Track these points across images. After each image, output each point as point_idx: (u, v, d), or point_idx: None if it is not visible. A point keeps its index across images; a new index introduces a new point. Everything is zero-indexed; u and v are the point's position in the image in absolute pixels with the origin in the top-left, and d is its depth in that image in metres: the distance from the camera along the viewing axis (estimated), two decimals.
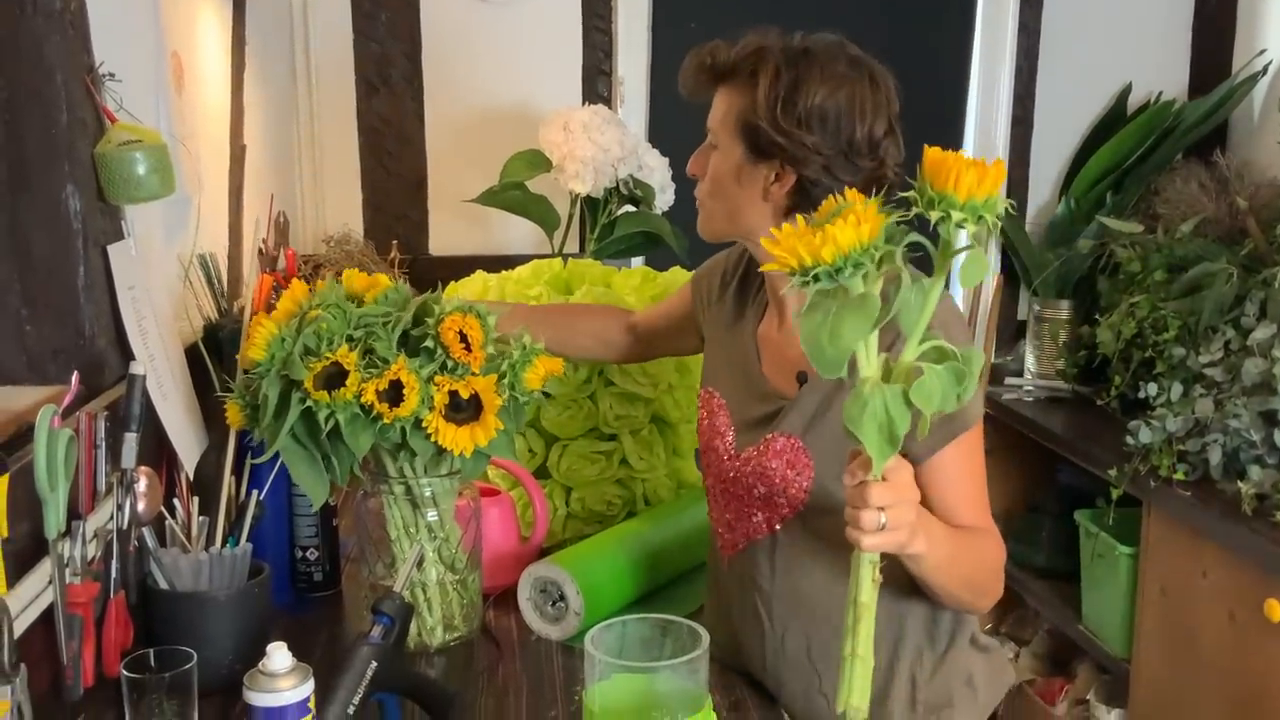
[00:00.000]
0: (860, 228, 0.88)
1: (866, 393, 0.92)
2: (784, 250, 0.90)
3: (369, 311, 1.34)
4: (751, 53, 1.30)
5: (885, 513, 1.02)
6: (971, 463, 1.30)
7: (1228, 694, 2.05)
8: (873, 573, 0.99)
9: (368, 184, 2.68)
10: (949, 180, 0.89)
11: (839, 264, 0.88)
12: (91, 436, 1.22)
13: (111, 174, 1.34)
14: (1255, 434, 2.05)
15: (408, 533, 1.39)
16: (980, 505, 1.31)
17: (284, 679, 1.00)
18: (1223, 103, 2.68)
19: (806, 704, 1.37)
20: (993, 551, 1.30)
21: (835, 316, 0.89)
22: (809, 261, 0.89)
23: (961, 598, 1.29)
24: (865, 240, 0.89)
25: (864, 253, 0.89)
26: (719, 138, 1.36)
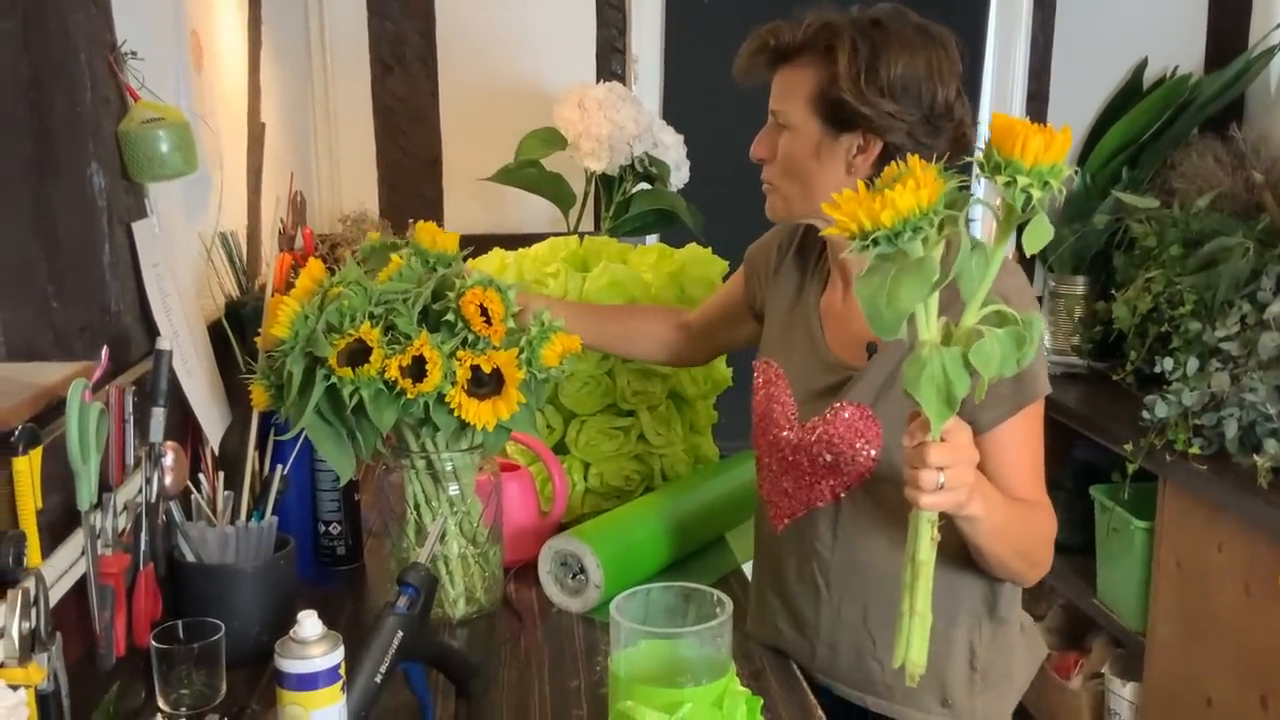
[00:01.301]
0: (920, 192, 0.89)
1: (925, 355, 0.93)
2: (844, 214, 0.91)
3: (389, 288, 1.35)
4: (821, 28, 1.30)
5: (944, 473, 1.04)
6: (1032, 435, 1.31)
7: (1243, 667, 2.06)
8: (931, 531, 1.02)
9: (383, 163, 2.68)
10: (1016, 146, 0.89)
11: (898, 228, 0.89)
12: (121, 411, 1.23)
13: (135, 152, 1.35)
14: (1271, 408, 2.05)
15: (429, 507, 1.41)
16: (1036, 478, 1.31)
17: (315, 645, 1.01)
18: (1239, 77, 2.66)
19: (859, 670, 1.38)
20: (1045, 524, 1.31)
21: (893, 280, 0.90)
22: (868, 225, 0.89)
23: (1013, 566, 1.30)
24: (925, 205, 0.89)
25: (923, 217, 0.89)
26: (790, 117, 1.34)
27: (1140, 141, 2.68)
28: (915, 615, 1.00)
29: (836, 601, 1.39)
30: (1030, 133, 0.89)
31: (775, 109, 1.37)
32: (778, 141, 1.37)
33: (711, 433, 1.92)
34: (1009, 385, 1.27)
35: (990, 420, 1.27)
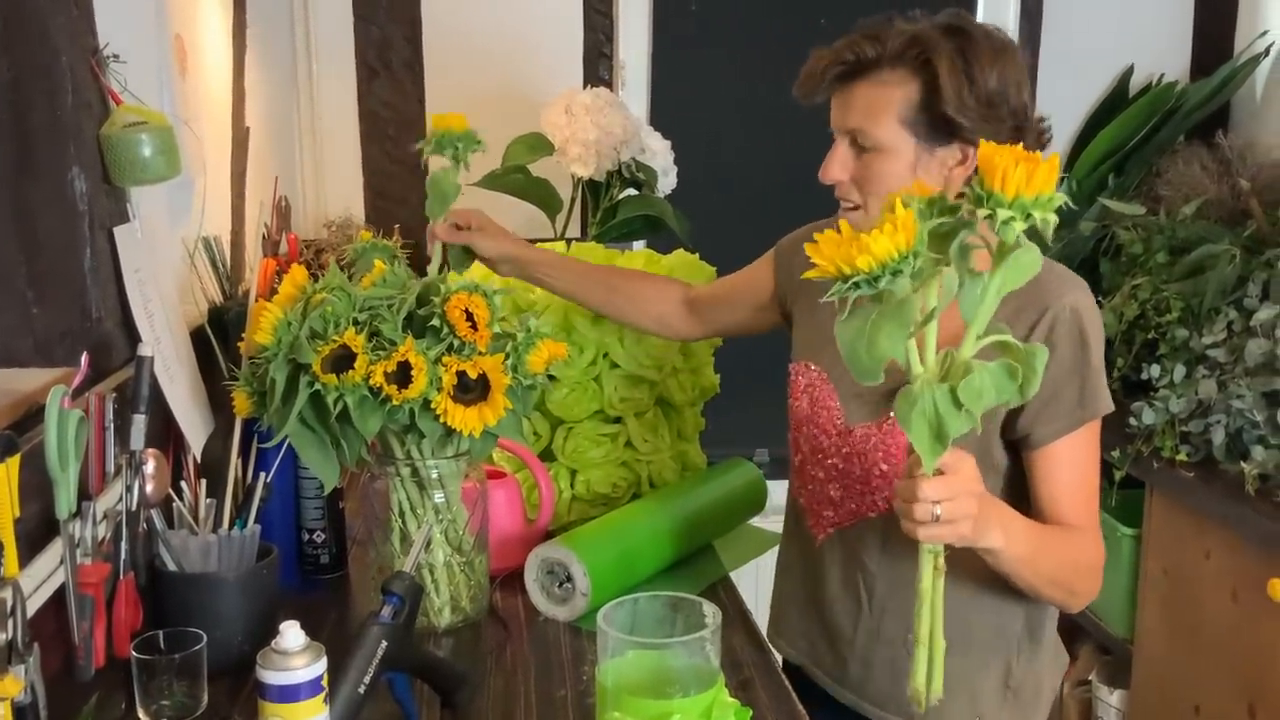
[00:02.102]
0: (896, 236, 0.88)
1: (917, 390, 0.93)
2: (822, 259, 0.90)
3: (374, 294, 1.34)
4: (912, 40, 1.25)
5: (940, 506, 1.02)
6: (1088, 455, 1.29)
7: (1231, 674, 2.06)
8: (934, 562, 1.01)
9: (369, 168, 2.67)
10: (997, 178, 0.88)
11: (876, 272, 0.88)
12: (101, 418, 1.22)
13: (117, 156, 1.33)
14: (1258, 414, 2.05)
15: (414, 514, 1.40)
16: (1087, 501, 1.29)
17: (297, 657, 1.00)
18: (1225, 84, 2.68)
19: (893, 687, 1.36)
20: (1089, 551, 1.28)
21: (873, 324, 0.90)
22: (846, 270, 0.89)
23: (1047, 594, 1.28)
24: (902, 248, 0.88)
25: (901, 260, 0.88)
26: (879, 137, 1.28)
27: (1126, 149, 2.68)
28: (920, 645, 1.00)
29: (877, 617, 1.37)
30: (1010, 164, 0.88)
31: (857, 128, 1.29)
32: (855, 162, 1.30)
33: (699, 440, 1.91)
34: (1070, 399, 1.26)
35: (1045, 435, 1.26)
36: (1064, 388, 1.26)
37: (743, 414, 2.48)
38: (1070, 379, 1.26)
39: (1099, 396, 1.27)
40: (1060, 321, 1.25)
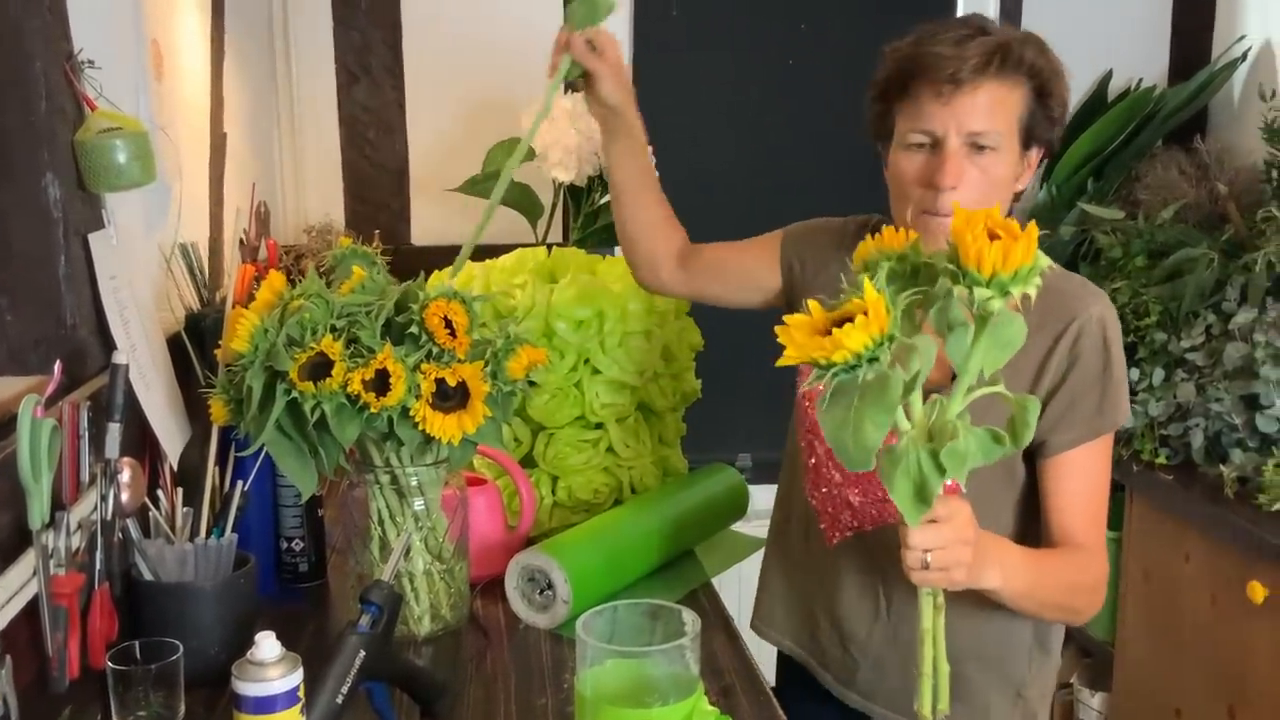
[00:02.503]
0: (870, 326, 0.87)
1: (901, 449, 0.92)
2: (798, 351, 0.89)
3: (352, 301, 1.33)
4: (1024, 45, 1.25)
5: (930, 555, 1.03)
6: (1099, 466, 1.29)
7: (1211, 676, 2.07)
8: (933, 601, 1.03)
9: (349, 173, 2.66)
10: (971, 259, 0.87)
11: (852, 362, 0.88)
12: (75, 426, 1.21)
13: (92, 162, 1.32)
14: (1236, 418, 2.07)
15: (394, 522, 1.39)
16: (1094, 515, 1.29)
17: (273, 668, 0.99)
18: (1203, 89, 2.69)
19: (905, 693, 1.35)
20: (1090, 570, 1.29)
21: (856, 411, 0.88)
22: (823, 363, 0.88)
23: (1051, 617, 1.30)
24: (876, 336, 0.87)
25: (878, 347, 0.88)
26: (1000, 139, 1.25)
27: (1105, 153, 2.70)
28: (924, 677, 1.02)
29: (894, 623, 1.37)
30: (984, 245, 0.86)
31: (984, 129, 1.24)
32: (977, 165, 1.26)
33: (681, 445, 1.91)
34: (1089, 409, 1.27)
35: (1060, 444, 1.27)
36: (1084, 397, 1.27)
37: (724, 419, 2.49)
38: (1091, 389, 1.27)
39: (1117, 408, 1.28)
40: (1086, 333, 1.27)
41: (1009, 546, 1.20)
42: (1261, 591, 1.91)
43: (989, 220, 0.87)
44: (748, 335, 2.75)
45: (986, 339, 0.90)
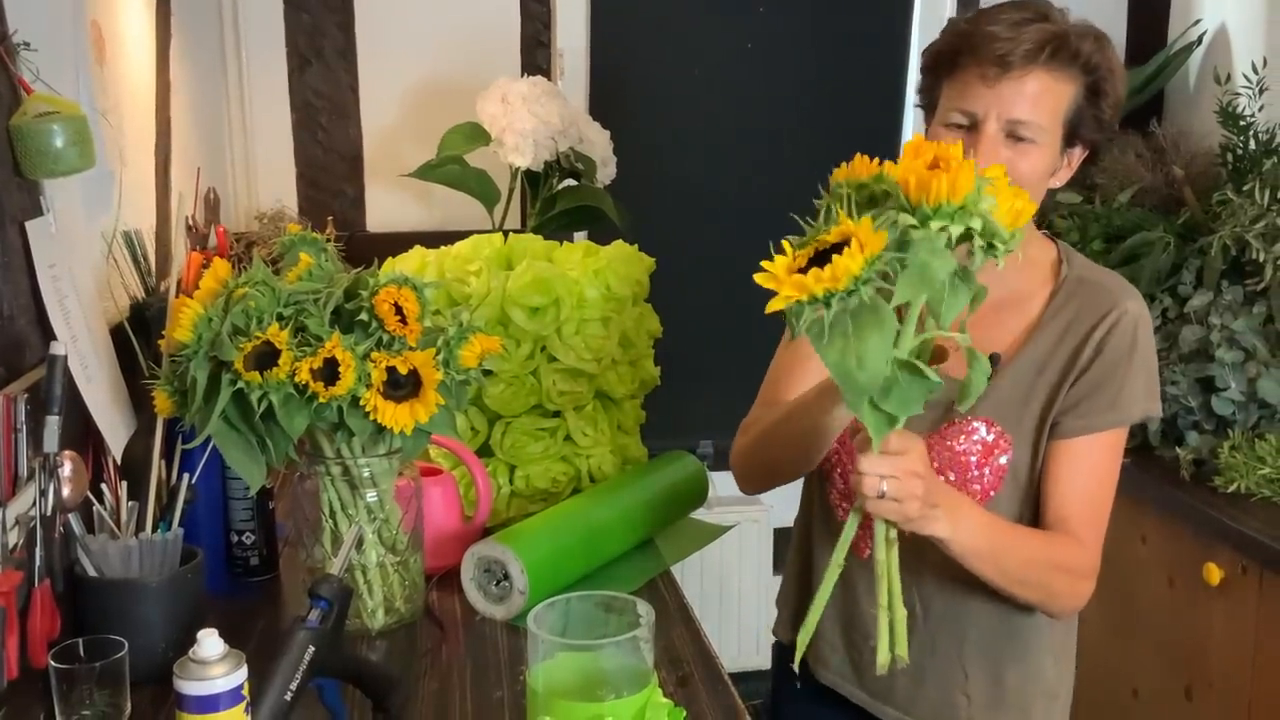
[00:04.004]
0: (866, 250, 0.87)
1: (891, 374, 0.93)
2: (793, 288, 0.89)
3: (299, 288, 1.30)
4: (1082, 38, 1.23)
5: (886, 483, 1.04)
6: (1107, 463, 1.28)
7: (1168, 657, 2.09)
8: (885, 534, 1.06)
9: (301, 159, 2.61)
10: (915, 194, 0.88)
11: (850, 286, 0.88)
12: (10, 420, 1.17)
13: (28, 147, 1.28)
14: (1192, 400, 2.08)
15: (346, 514, 1.36)
16: (1093, 508, 1.28)
17: (215, 666, 0.97)
18: (1158, 73, 2.70)
19: (945, 705, 1.36)
20: (1076, 557, 1.26)
21: (856, 337, 0.88)
22: (818, 292, 0.88)
23: (1021, 595, 1.26)
24: (873, 258, 0.88)
25: (872, 266, 0.88)
26: (1042, 133, 1.22)
27: None
28: (882, 610, 1.04)
29: (933, 631, 1.35)
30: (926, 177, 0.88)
31: (1025, 119, 1.21)
32: (1002, 154, 1.22)
33: (640, 433, 1.89)
34: (1105, 400, 1.26)
35: (1072, 428, 1.26)
36: (1103, 387, 1.26)
37: (684, 407, 2.47)
38: (1111, 380, 1.26)
39: (1133, 402, 1.27)
40: (1119, 326, 1.27)
41: (966, 503, 1.19)
42: (1218, 573, 1.93)
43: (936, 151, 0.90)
44: (707, 322, 2.76)
45: (909, 267, 0.90)
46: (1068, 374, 1.27)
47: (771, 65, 2.76)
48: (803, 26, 2.75)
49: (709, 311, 2.77)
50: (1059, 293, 1.31)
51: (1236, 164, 2.37)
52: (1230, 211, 2.24)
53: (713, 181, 2.79)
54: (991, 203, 0.91)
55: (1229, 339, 2.08)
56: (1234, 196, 2.25)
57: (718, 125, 2.76)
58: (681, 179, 2.79)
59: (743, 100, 2.78)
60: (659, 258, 1.86)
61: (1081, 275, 1.32)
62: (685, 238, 2.75)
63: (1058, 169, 1.27)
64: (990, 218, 0.92)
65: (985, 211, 0.91)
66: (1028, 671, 1.37)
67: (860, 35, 2.78)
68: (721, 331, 2.78)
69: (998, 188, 0.93)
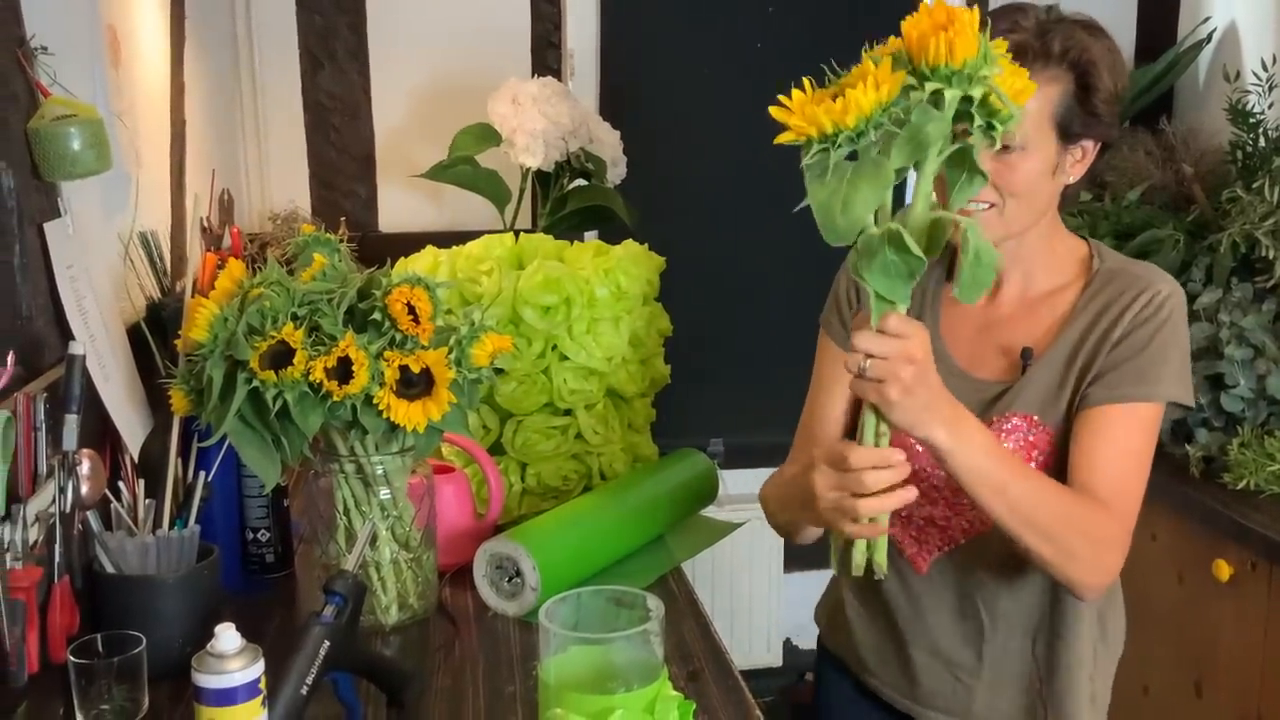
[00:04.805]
0: (880, 89, 0.86)
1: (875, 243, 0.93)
2: (802, 120, 0.88)
3: (313, 288, 1.32)
4: (1068, 36, 1.23)
5: (869, 361, 1.01)
6: (1136, 437, 1.25)
7: (1178, 654, 2.09)
8: (875, 425, 1.05)
9: (314, 160, 2.63)
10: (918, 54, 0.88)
11: (860, 128, 0.86)
12: (30, 418, 1.19)
13: (46, 150, 1.30)
14: (1202, 397, 2.08)
15: (360, 512, 1.38)
16: (1120, 478, 1.23)
17: (233, 660, 0.98)
18: (1168, 70, 2.70)
19: (1026, 706, 1.35)
20: (1099, 521, 1.21)
21: (849, 184, 0.88)
22: (830, 129, 0.87)
23: (1035, 548, 1.18)
24: (885, 100, 0.86)
25: (884, 113, 0.87)
26: (1029, 135, 1.22)
27: None
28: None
29: (1004, 635, 1.34)
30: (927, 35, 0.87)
31: None
32: (994, 159, 1.22)
33: (650, 431, 1.90)
34: (1132, 374, 1.24)
35: (1097, 396, 1.25)
36: (1130, 360, 1.25)
37: (694, 405, 2.48)
38: (1139, 354, 1.25)
39: (1161, 381, 1.24)
40: (1151, 304, 1.26)
41: (973, 420, 1.14)
42: (1227, 570, 1.93)
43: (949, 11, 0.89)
44: (717, 321, 2.77)
45: (904, 132, 0.90)
46: (1098, 353, 1.27)
47: (781, 65, 2.77)
48: (812, 26, 2.75)
49: (719, 310, 2.78)
50: (1091, 284, 1.31)
51: (1246, 161, 2.37)
52: (1240, 209, 2.24)
53: (722, 181, 2.80)
54: (996, 71, 0.89)
55: (1238, 336, 2.08)
56: (1243, 194, 2.25)
57: (727, 125, 2.76)
58: (691, 178, 2.80)
59: (752, 100, 2.78)
60: (669, 257, 1.88)
61: (1114, 267, 1.32)
62: (695, 237, 2.76)
63: (1062, 166, 1.27)
64: (994, 87, 0.90)
65: (987, 80, 0.89)
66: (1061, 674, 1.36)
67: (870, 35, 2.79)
68: (732, 330, 2.79)
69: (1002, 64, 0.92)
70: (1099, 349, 1.27)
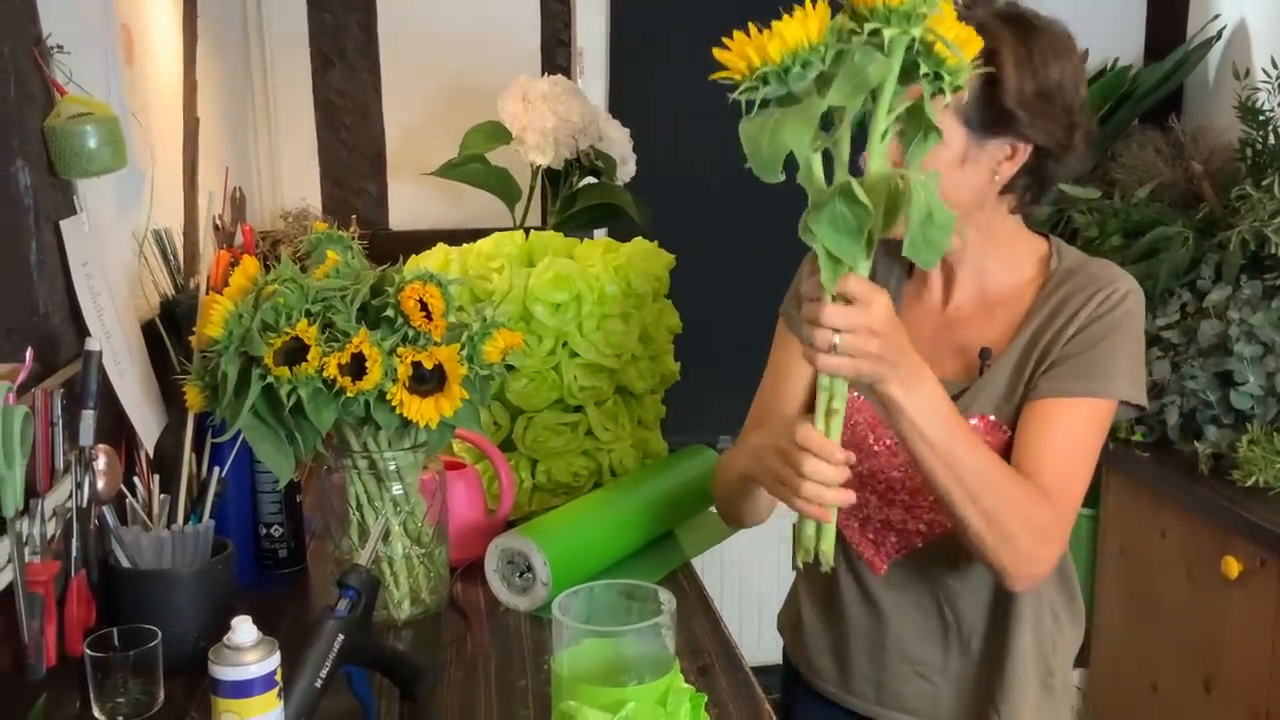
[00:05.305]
0: (807, 23, 0.86)
1: (826, 198, 0.91)
2: (733, 55, 0.88)
3: (327, 285, 1.33)
4: (980, 25, 1.16)
5: (840, 336, 0.99)
6: (1084, 432, 1.24)
7: (1187, 650, 2.09)
8: (827, 402, 1.01)
9: (325, 158, 2.65)
10: None
11: (786, 63, 0.86)
12: (48, 414, 1.20)
13: (62, 148, 1.31)
14: (1211, 394, 2.08)
15: (372, 507, 1.39)
16: (1062, 474, 1.22)
17: (249, 652, 0.99)
18: (1178, 68, 2.70)
19: (991, 705, 1.35)
20: (1040, 508, 1.19)
21: (777, 120, 0.88)
22: (756, 61, 0.87)
23: (974, 523, 1.16)
24: (814, 37, 0.86)
25: (812, 51, 0.86)
26: None
27: None
28: None
29: (968, 634, 1.35)
30: None
31: None
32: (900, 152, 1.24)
33: (660, 427, 1.91)
34: (1082, 366, 1.23)
35: (1044, 389, 1.23)
36: (1080, 354, 1.24)
37: (703, 402, 2.49)
38: (1090, 349, 1.24)
39: (1111, 377, 1.23)
40: (1108, 301, 1.25)
41: (931, 379, 1.11)
42: (1236, 566, 1.93)
43: None
44: (726, 317, 2.77)
45: (840, 72, 0.89)
46: (1051, 349, 1.26)
47: None
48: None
49: (728, 307, 2.78)
50: (1049, 283, 1.30)
51: (1256, 159, 2.37)
52: (1249, 206, 2.24)
53: (731, 178, 2.79)
54: (935, 11, 0.88)
55: (1248, 333, 2.08)
56: (1253, 191, 2.25)
57: (737, 122, 2.77)
58: (700, 176, 2.81)
59: None
60: (678, 254, 1.88)
61: (1071, 266, 1.30)
62: (704, 234, 2.77)
63: (977, 159, 1.23)
64: (935, 32, 0.89)
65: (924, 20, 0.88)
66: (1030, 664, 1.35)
67: None
68: (741, 327, 2.79)
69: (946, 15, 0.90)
70: (1053, 345, 1.26)
